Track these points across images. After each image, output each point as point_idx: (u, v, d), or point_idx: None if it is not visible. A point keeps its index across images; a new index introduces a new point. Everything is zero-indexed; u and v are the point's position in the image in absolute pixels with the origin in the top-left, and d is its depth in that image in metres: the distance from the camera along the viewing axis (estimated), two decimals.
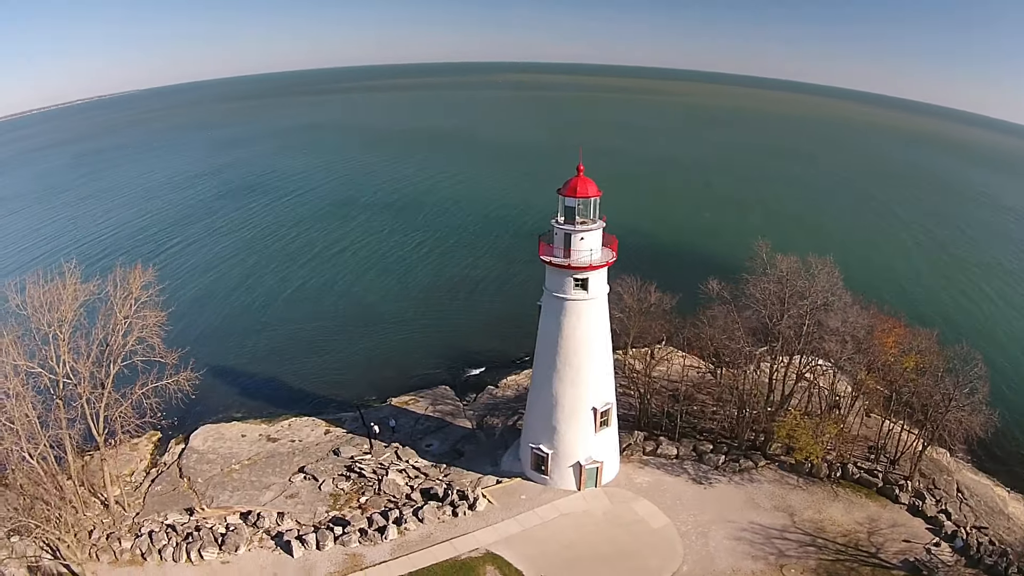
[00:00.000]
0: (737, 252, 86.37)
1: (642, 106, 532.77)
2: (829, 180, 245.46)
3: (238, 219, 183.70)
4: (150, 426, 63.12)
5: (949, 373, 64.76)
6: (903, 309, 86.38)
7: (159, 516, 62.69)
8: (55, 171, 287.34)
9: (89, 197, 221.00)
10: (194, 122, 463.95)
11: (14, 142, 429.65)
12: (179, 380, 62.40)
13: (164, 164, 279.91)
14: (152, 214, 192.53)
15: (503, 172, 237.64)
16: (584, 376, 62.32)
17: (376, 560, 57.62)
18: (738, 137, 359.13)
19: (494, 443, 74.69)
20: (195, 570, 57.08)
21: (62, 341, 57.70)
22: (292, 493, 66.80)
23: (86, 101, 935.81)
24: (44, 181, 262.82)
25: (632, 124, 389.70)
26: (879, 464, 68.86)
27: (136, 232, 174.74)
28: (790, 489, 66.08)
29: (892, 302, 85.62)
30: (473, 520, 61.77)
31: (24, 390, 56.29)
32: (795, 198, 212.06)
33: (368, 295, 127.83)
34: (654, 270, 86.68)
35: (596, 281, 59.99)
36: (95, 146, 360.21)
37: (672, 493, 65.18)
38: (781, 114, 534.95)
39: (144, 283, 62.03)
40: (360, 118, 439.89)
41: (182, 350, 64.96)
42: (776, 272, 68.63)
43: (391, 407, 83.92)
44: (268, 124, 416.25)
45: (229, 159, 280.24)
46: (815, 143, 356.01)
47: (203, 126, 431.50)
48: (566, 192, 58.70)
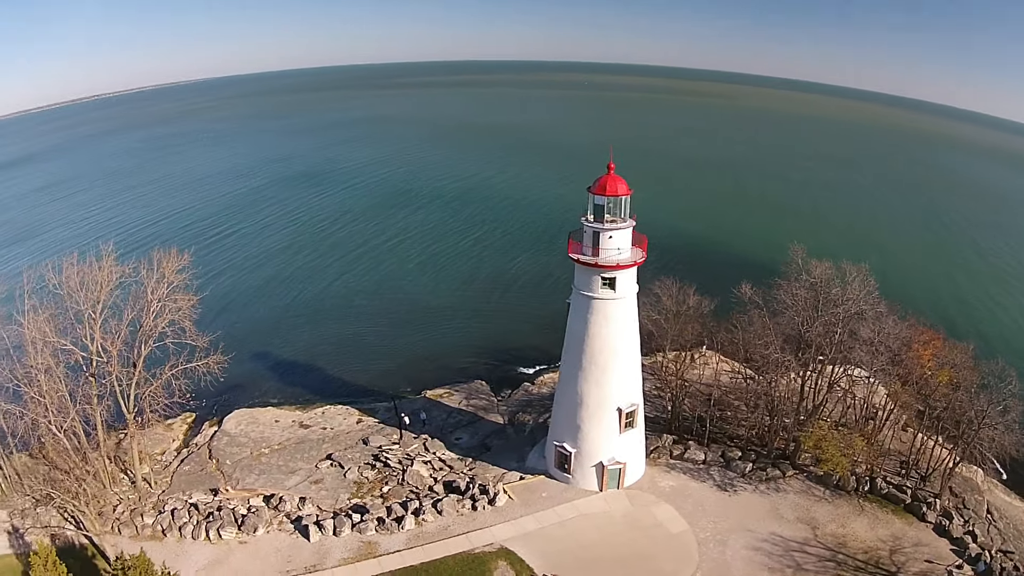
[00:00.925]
0: (776, 255, 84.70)
1: (700, 109, 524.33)
2: (873, 186, 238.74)
3: (288, 209, 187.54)
4: (179, 407, 64.45)
5: (983, 389, 62.53)
6: (940, 321, 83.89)
7: (184, 495, 64.18)
8: (112, 155, 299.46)
9: (145, 183, 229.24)
10: (263, 112, 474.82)
11: (69, 128, 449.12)
12: (208, 363, 63.84)
13: (223, 153, 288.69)
14: (204, 202, 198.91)
15: (558, 168, 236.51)
16: (609, 376, 61.71)
17: (391, 549, 58.14)
18: (785, 140, 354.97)
19: (523, 440, 74.47)
20: (212, 548, 58.41)
21: (95, 321, 59.34)
22: (317, 479, 67.66)
23: (156, 87, 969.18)
24: (100, 165, 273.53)
25: (690, 127, 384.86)
26: (909, 480, 66.69)
27: (185, 218, 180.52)
28: (815, 501, 64.43)
29: (930, 313, 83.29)
30: (491, 515, 61.81)
31: (55, 366, 58.01)
32: (839, 203, 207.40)
33: (410, 287, 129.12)
34: (693, 272, 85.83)
35: (624, 280, 59.27)
36: (153, 133, 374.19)
37: (695, 499, 64.18)
38: (830, 119, 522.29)
39: (178, 267, 63.35)
40: (426, 112, 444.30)
41: (221, 334, 66.64)
42: (808, 278, 67.17)
43: (424, 399, 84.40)
44: (337, 115, 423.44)
45: (289, 150, 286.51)
46: (859, 148, 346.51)
47: (273, 116, 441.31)
48: (595, 190, 58.12)
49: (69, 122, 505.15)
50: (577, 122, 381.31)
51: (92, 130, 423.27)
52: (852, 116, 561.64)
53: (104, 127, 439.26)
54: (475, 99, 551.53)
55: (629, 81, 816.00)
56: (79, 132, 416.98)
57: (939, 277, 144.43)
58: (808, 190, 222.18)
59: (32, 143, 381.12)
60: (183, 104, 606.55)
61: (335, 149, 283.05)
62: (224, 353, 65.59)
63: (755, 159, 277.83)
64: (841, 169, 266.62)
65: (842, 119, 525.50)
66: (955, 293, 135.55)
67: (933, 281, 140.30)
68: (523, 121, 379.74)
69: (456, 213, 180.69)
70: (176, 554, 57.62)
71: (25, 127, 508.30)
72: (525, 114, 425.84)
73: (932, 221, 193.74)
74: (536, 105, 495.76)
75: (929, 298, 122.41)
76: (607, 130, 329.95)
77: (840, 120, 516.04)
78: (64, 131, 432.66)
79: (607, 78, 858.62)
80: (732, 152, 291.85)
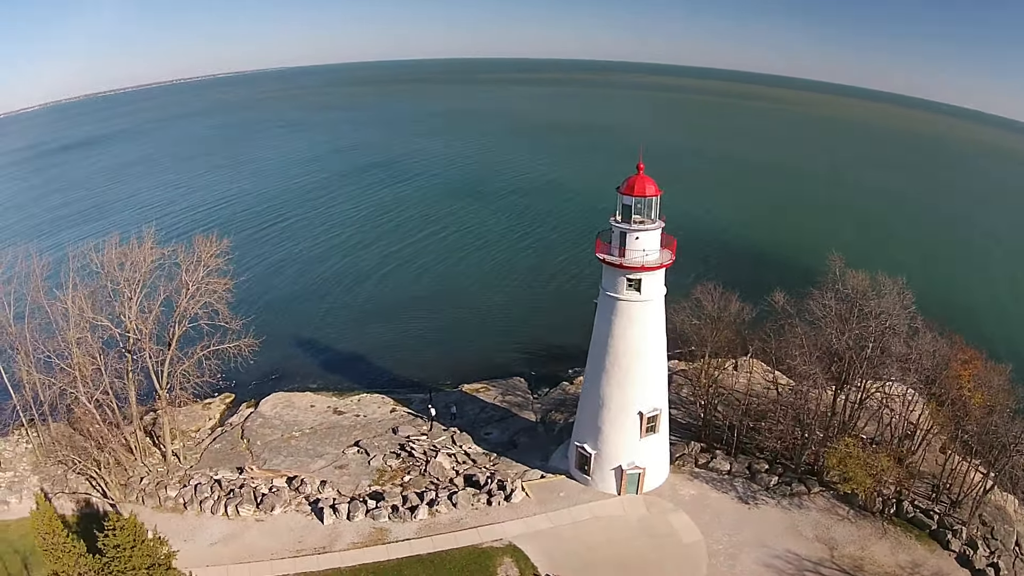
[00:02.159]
0: (820, 265, 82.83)
1: (768, 114, 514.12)
2: (925, 196, 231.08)
3: (346, 199, 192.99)
4: (209, 386, 66.39)
5: (1019, 414, 59.86)
6: (983, 340, 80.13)
7: (211, 471, 66.27)
8: (183, 141, 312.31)
9: (212, 168, 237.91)
10: (335, 103, 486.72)
11: (144, 111, 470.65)
12: (240, 346, 65.85)
13: (292, 141, 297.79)
14: (266, 188, 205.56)
15: (624, 166, 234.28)
16: (632, 379, 61.02)
17: (400, 537, 59.05)
18: (842, 146, 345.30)
19: (551, 438, 74.34)
20: (228, 523, 60.42)
21: (132, 299, 61.70)
22: (342, 464, 69.03)
23: (232, 75, 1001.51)
24: (170, 149, 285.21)
25: (749, 130, 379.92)
26: (939, 504, 63.90)
27: (244, 204, 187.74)
28: (837, 520, 62.27)
29: (973, 332, 79.77)
30: (506, 511, 61.99)
31: (89, 339, 60.43)
32: (893, 213, 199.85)
33: (459, 281, 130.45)
34: (739, 277, 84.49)
35: (650, 283, 58.45)
36: (227, 120, 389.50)
37: (713, 509, 62.97)
38: (893, 128, 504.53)
39: (216, 252, 65.48)
40: (498, 107, 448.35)
41: (267, 319, 68.53)
42: (840, 290, 65.32)
43: (460, 393, 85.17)
44: (409, 107, 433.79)
45: (354, 140, 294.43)
46: (918, 158, 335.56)
47: (345, 107, 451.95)
48: (624, 190, 57.43)
49: (153, 104, 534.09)
50: (643, 122, 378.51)
51: (165, 114, 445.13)
52: (910, 125, 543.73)
53: (178, 111, 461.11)
54: (544, 96, 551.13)
55: (692, 84, 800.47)
56: (154, 115, 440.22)
57: (982, 293, 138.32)
58: (868, 198, 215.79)
59: (105, 125, 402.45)
60: (260, 91, 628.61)
61: (402, 141, 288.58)
62: (268, 337, 67.70)
63: (816, 165, 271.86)
64: (895, 176, 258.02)
65: (901, 127, 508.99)
66: (997, 310, 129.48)
67: (977, 296, 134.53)
68: (591, 120, 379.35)
69: (513, 208, 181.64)
70: (193, 527, 60.09)
71: (99, 108, 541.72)
72: (592, 113, 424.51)
73: (985, 235, 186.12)
74: (604, 103, 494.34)
75: (974, 316, 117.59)
76: (667, 131, 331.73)
77: (896, 128, 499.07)
78: (141, 114, 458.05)
79: (676, 80, 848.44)
80: (787, 156, 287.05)
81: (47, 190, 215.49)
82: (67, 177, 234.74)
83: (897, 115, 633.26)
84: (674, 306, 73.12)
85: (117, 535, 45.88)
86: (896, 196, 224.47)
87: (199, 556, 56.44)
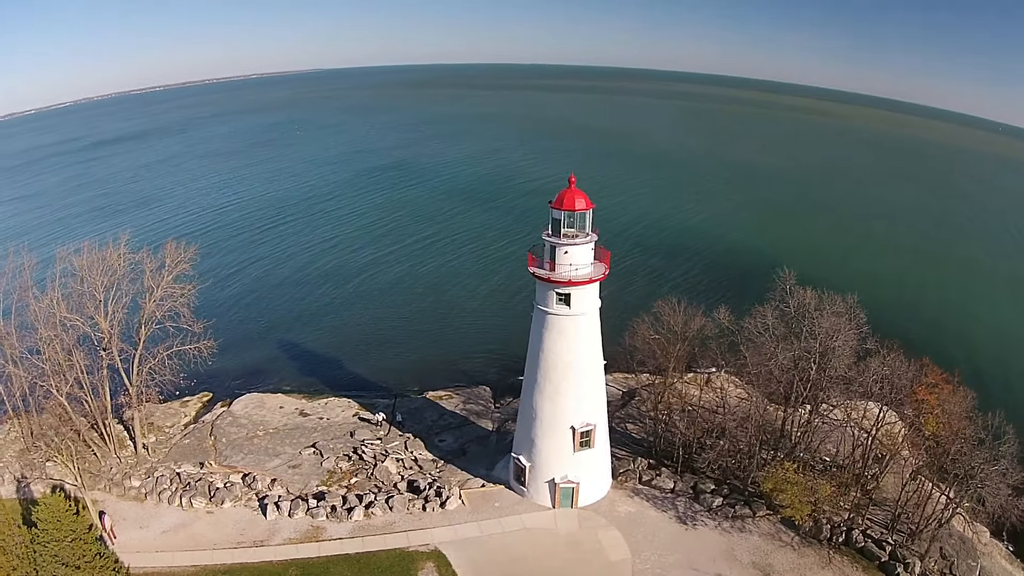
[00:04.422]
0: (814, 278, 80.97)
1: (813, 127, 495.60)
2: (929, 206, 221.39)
3: (337, 205, 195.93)
4: (178, 385, 70.50)
5: (979, 444, 56.70)
6: (966, 364, 76.27)
7: (175, 465, 70.12)
8: (207, 140, 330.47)
9: (231, 169, 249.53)
10: (356, 105, 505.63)
11: (179, 109, 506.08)
12: (199, 347, 69.41)
13: (310, 145, 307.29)
14: (266, 194, 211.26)
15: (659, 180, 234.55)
16: (563, 393, 61.14)
17: (334, 536, 61.28)
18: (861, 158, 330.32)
19: (501, 448, 74.82)
20: (182, 514, 64.00)
21: (103, 301, 66.40)
22: (296, 464, 71.77)
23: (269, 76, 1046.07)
24: (194, 149, 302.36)
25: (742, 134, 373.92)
26: (896, 534, 61.17)
27: (243, 209, 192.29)
28: (779, 547, 60.42)
29: (954, 356, 75.90)
30: (439, 517, 63.26)
31: (64, 336, 65.33)
32: (894, 225, 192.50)
33: (435, 287, 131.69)
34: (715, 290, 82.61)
35: (580, 297, 58.54)
36: (256, 121, 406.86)
37: (648, 528, 62.17)
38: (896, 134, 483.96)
39: (181, 258, 69.74)
40: (517, 111, 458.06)
41: (248, 320, 71.66)
42: (781, 307, 63.66)
43: (424, 399, 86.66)
44: (426, 112, 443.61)
45: (368, 144, 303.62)
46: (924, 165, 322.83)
47: (364, 110, 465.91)
48: (554, 204, 58.04)
49: (191, 102, 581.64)
50: (664, 129, 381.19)
51: (196, 113, 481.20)
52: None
53: (210, 111, 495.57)
54: (573, 101, 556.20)
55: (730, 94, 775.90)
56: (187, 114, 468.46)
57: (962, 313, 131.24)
58: (870, 209, 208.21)
59: (135, 123, 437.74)
60: (295, 92, 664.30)
61: (411, 145, 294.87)
62: (249, 340, 71.35)
63: (807, 173, 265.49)
64: (899, 188, 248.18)
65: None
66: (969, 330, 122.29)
67: (957, 317, 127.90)
68: (613, 125, 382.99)
69: (494, 214, 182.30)
70: (150, 515, 64.15)
71: (128, 107, 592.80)
72: (619, 119, 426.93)
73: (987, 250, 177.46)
74: (627, 111, 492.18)
75: (954, 335, 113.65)
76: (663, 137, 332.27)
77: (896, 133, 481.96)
78: (174, 112, 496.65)
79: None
80: (782, 161, 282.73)
81: (75, 185, 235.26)
82: (78, 177, 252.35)
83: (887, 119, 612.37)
84: (636, 320, 73.08)
85: (44, 510, 50.11)
86: (896, 207, 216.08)
87: (151, 542, 60.61)
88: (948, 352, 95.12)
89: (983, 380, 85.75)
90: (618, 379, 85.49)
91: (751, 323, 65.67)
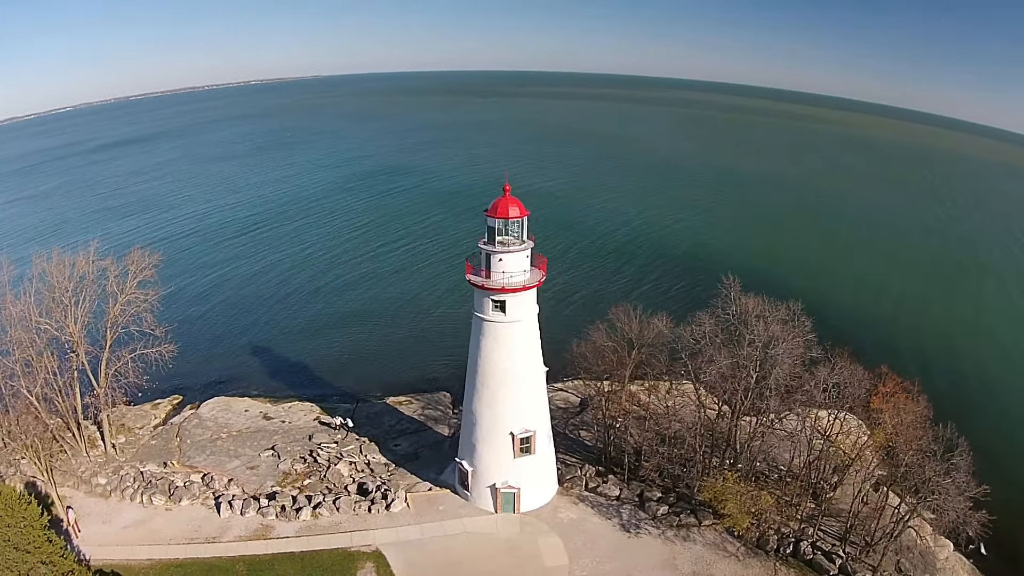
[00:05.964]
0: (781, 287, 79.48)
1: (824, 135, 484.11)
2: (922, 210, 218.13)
3: (335, 211, 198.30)
4: (136, 387, 72.88)
5: (931, 456, 55.23)
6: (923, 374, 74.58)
7: (140, 464, 72.55)
8: (206, 145, 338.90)
9: (222, 176, 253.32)
10: (354, 112, 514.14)
11: (177, 116, 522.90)
12: (161, 351, 72.04)
13: (300, 153, 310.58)
14: (251, 201, 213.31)
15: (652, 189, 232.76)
16: (501, 399, 61.84)
17: (282, 535, 62.92)
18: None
19: (454, 453, 75.01)
20: (142, 510, 66.35)
21: (71, 305, 69.15)
22: (254, 465, 73.60)
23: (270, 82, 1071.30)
24: (192, 153, 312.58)
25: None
26: (849, 546, 59.94)
27: (228, 217, 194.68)
28: (723, 557, 59.77)
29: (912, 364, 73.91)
30: (383, 519, 64.40)
31: (28, 338, 68.10)
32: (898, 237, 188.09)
33: (406, 295, 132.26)
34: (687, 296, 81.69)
35: (516, 304, 59.17)
36: (254, 128, 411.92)
37: (589, 535, 62.20)
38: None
39: (144, 265, 72.34)
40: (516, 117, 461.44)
41: (221, 325, 73.61)
42: (720, 314, 62.96)
43: (384, 404, 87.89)
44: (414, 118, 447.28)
45: (366, 150, 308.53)
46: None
47: (361, 117, 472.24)
48: (488, 211, 58.69)
49: (190, 108, 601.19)
50: (661, 136, 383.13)
51: (195, 119, 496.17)
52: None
53: (212, 116, 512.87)
54: (578, 110, 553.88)
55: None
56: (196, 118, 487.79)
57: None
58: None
59: (133, 129, 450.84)
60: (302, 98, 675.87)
61: (397, 154, 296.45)
62: (221, 345, 73.55)
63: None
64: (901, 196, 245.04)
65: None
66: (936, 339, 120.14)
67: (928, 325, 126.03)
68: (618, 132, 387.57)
69: (481, 222, 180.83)
70: (113, 511, 66.78)
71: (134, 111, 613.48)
72: (625, 127, 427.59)
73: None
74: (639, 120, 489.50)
75: (908, 344, 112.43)
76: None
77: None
78: (173, 119, 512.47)
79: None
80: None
81: (66, 192, 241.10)
82: (70, 183, 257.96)
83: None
84: (590, 328, 72.89)
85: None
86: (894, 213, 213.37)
87: (112, 536, 63.18)
88: (905, 361, 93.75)
89: (940, 390, 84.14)
90: (577, 386, 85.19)
91: (690, 330, 64.95)
